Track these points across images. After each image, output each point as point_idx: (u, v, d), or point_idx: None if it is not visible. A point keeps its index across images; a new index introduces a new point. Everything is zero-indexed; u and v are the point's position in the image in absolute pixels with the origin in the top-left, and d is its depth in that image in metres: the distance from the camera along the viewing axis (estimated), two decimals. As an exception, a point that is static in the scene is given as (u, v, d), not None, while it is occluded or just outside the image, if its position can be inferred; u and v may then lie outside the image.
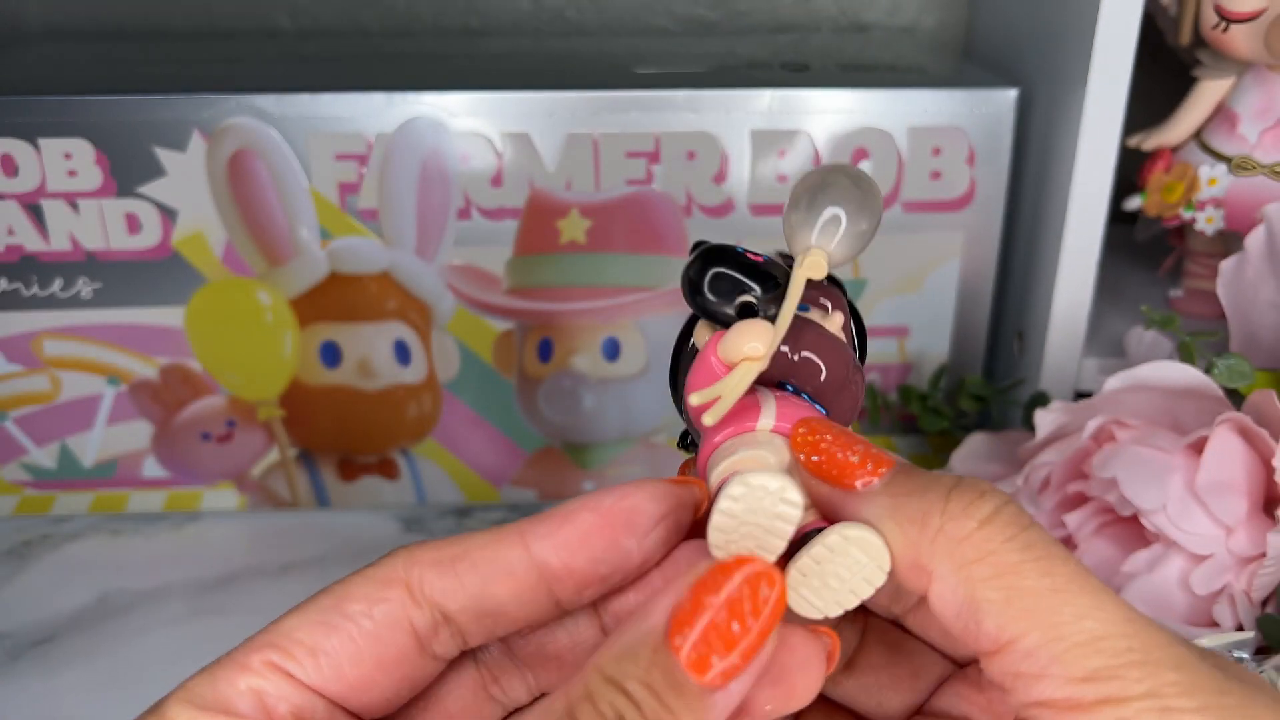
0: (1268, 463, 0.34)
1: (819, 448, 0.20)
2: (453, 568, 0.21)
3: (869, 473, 0.19)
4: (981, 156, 0.44)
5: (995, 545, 0.18)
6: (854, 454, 0.19)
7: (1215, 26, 0.43)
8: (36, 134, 0.41)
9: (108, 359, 0.45)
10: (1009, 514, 0.18)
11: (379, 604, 0.20)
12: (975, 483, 0.18)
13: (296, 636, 0.20)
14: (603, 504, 0.21)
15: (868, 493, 0.19)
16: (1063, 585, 0.17)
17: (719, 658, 0.18)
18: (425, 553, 0.21)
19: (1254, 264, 0.41)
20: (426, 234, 0.43)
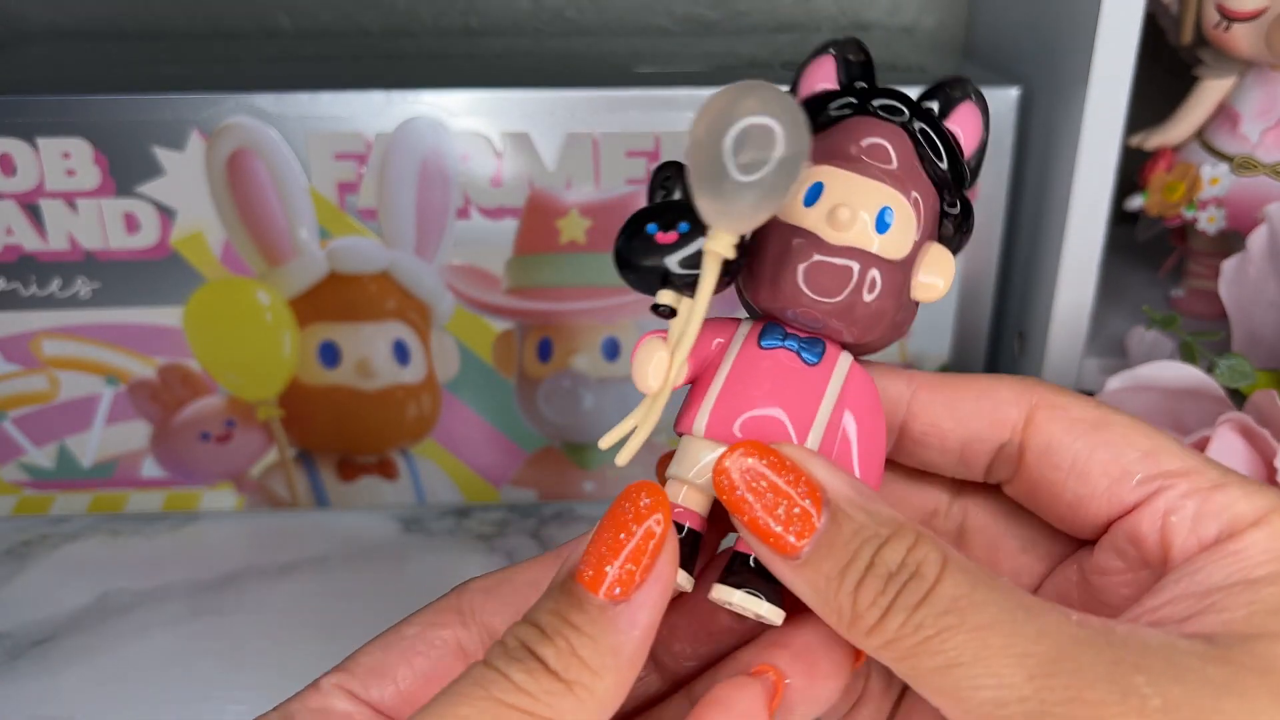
0: (1269, 463, 0.34)
1: (740, 506, 0.20)
2: (498, 591, 0.23)
3: (791, 547, 0.19)
4: (982, 156, 0.43)
5: (893, 634, 0.18)
6: (776, 520, 0.20)
7: (1217, 25, 0.43)
8: (35, 133, 0.41)
9: (106, 359, 0.44)
10: (906, 596, 0.19)
11: (431, 627, 0.23)
12: (881, 565, 0.19)
13: (361, 659, 0.23)
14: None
15: (793, 564, 0.20)
16: (955, 659, 0.18)
17: (610, 566, 0.19)
18: (477, 580, 0.24)
19: (1256, 264, 0.41)
20: (426, 234, 0.43)
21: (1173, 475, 0.21)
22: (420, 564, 0.45)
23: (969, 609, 0.18)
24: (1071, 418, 0.22)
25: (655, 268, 0.20)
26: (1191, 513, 0.20)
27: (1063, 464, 0.22)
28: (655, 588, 0.20)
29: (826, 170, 0.21)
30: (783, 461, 0.20)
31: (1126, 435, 0.21)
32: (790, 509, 0.19)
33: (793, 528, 0.19)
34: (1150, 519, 0.21)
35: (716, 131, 0.18)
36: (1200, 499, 0.20)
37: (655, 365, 0.21)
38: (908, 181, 0.21)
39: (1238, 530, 0.20)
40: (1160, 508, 0.21)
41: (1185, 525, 0.20)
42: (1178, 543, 0.20)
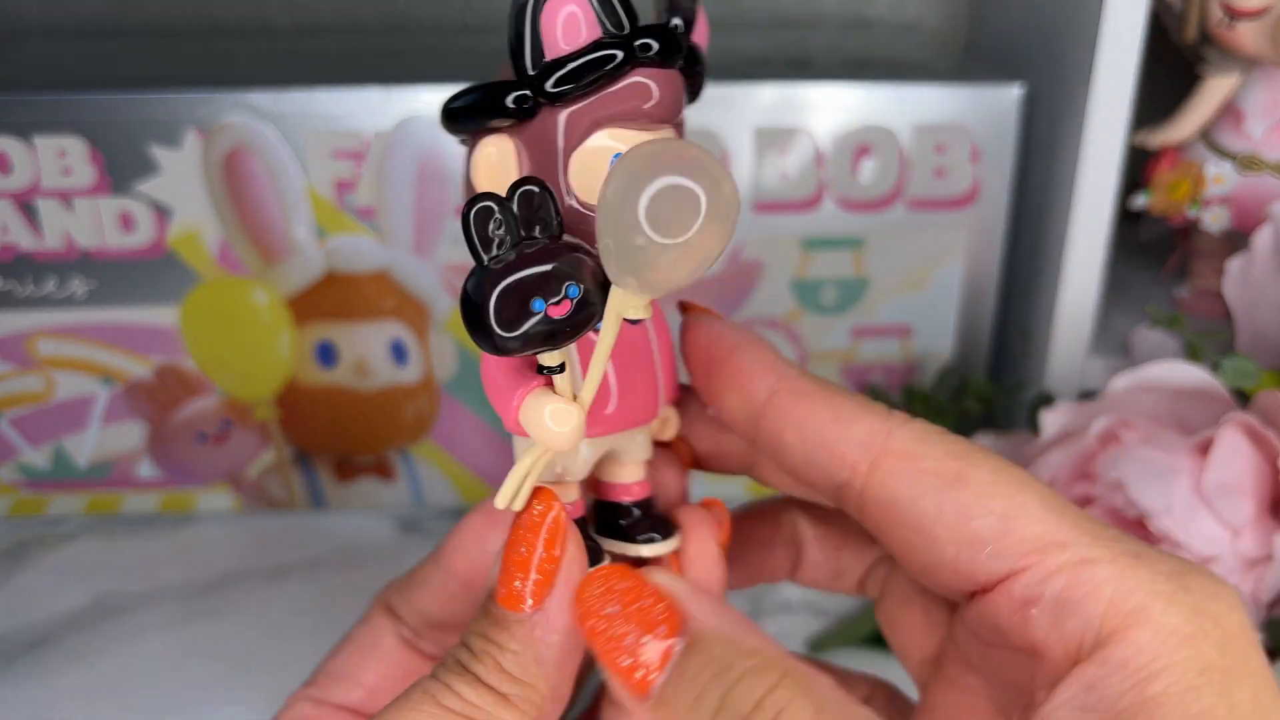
0: (1274, 464, 0.34)
1: (595, 638, 0.19)
2: (403, 589, 0.25)
3: (644, 685, 0.18)
4: (986, 154, 0.43)
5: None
6: (625, 655, 0.19)
7: (1221, 23, 0.42)
8: (30, 131, 0.40)
9: (102, 359, 0.44)
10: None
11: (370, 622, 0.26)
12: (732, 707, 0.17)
13: (324, 671, 0.25)
14: (485, 505, 0.24)
15: (646, 705, 0.19)
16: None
17: (520, 581, 0.20)
18: (394, 581, 0.26)
19: (1260, 263, 0.40)
20: (424, 232, 0.43)
21: (1030, 550, 0.18)
22: (418, 565, 0.45)
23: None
24: (921, 469, 0.19)
25: (538, 337, 0.18)
26: (1053, 603, 0.17)
27: (908, 522, 0.19)
28: (565, 590, 0.20)
29: (619, 134, 0.19)
30: (641, 586, 0.19)
31: (982, 492, 0.18)
32: (638, 643, 0.19)
33: (645, 661, 0.18)
34: (1009, 609, 0.18)
35: (632, 192, 0.16)
36: (1064, 582, 0.17)
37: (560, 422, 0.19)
38: (675, 115, 0.20)
39: (1113, 629, 0.17)
40: (1017, 596, 0.18)
41: (1047, 620, 0.17)
42: (1040, 639, 0.18)
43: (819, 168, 0.43)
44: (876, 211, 0.43)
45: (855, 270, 0.45)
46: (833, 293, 0.45)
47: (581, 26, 0.19)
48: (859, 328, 0.46)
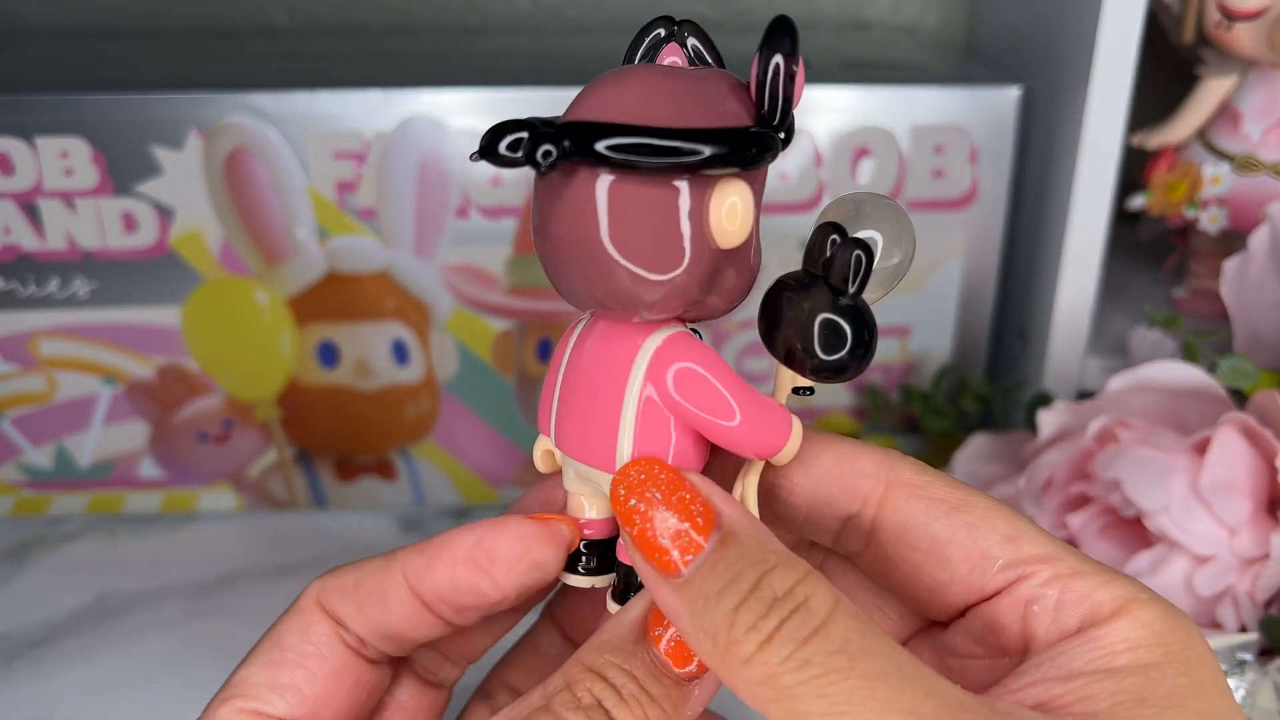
0: (1271, 463, 0.34)
1: (633, 517, 0.19)
2: (351, 596, 0.23)
3: (675, 566, 0.19)
4: (984, 155, 0.43)
5: (773, 668, 0.17)
6: (666, 535, 0.19)
7: (1218, 24, 0.43)
8: (33, 132, 0.40)
9: (104, 359, 0.44)
10: (792, 627, 0.17)
11: (310, 628, 0.23)
12: (766, 588, 0.18)
13: (252, 681, 0.23)
14: (464, 544, 0.22)
15: (674, 583, 0.19)
16: (840, 706, 0.17)
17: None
18: (331, 580, 0.24)
19: (1258, 263, 0.40)
20: (425, 233, 0.43)
21: (1033, 561, 0.20)
22: (419, 564, 0.45)
23: (859, 654, 0.17)
24: (931, 497, 0.21)
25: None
26: (1053, 601, 0.20)
27: (921, 545, 0.21)
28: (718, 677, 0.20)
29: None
30: (679, 480, 0.19)
31: (987, 518, 0.21)
32: (679, 527, 0.19)
33: (678, 543, 0.19)
34: (1011, 608, 0.20)
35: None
36: (1061, 586, 0.20)
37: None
38: None
39: (1099, 619, 0.19)
40: (1022, 596, 0.20)
41: (1048, 615, 0.20)
42: (1040, 632, 0.20)
43: (818, 169, 0.43)
44: (875, 212, 0.44)
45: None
46: (832, 293, 0.45)
47: None
48: (858, 328, 0.46)
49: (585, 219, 0.19)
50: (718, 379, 0.20)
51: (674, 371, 0.20)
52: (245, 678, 0.23)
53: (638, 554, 0.19)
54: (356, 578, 0.23)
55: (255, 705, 0.23)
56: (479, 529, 0.23)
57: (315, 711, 0.23)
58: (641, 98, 0.19)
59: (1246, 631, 0.33)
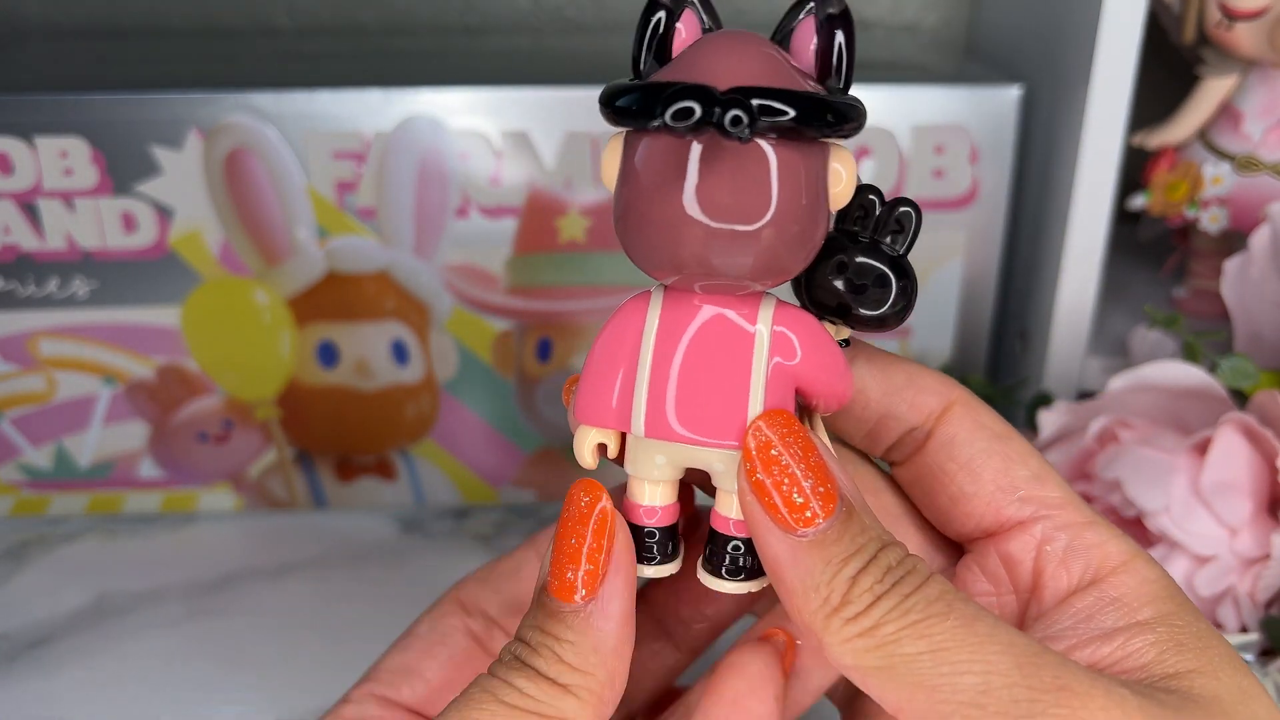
0: (1272, 464, 0.34)
1: (772, 468, 0.20)
2: (489, 580, 0.26)
3: (807, 521, 0.19)
4: (984, 155, 0.43)
5: (877, 619, 0.19)
6: (800, 491, 0.19)
7: (1219, 24, 0.43)
8: (32, 132, 0.40)
9: (104, 359, 0.44)
10: (899, 587, 0.19)
11: (439, 620, 0.26)
12: (884, 558, 0.19)
13: (384, 666, 0.25)
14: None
15: (799, 540, 0.19)
16: (941, 643, 0.18)
17: (572, 572, 0.20)
18: (470, 577, 0.26)
19: (1258, 263, 0.40)
20: (425, 233, 0.43)
21: (1051, 504, 0.22)
22: (419, 565, 0.45)
23: (956, 602, 0.19)
24: (980, 421, 0.23)
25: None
26: (1063, 546, 0.22)
27: (960, 457, 0.23)
28: (618, 578, 0.20)
29: None
30: (811, 445, 0.20)
31: (1022, 454, 0.23)
32: (815, 488, 0.20)
33: (811, 507, 0.19)
34: (1025, 544, 0.22)
35: None
36: (1073, 533, 0.22)
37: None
38: None
39: (1103, 573, 0.21)
40: (1036, 535, 0.22)
41: (1056, 557, 0.22)
42: (1048, 572, 0.22)
43: (818, 168, 0.43)
44: (876, 212, 0.44)
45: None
46: (832, 293, 0.45)
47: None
48: (858, 328, 0.46)
49: (754, 185, 0.19)
50: (829, 340, 0.21)
51: (801, 336, 0.21)
52: (380, 664, 0.25)
53: (759, 506, 0.20)
54: (492, 565, 0.26)
55: (384, 691, 0.25)
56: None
57: (435, 697, 0.25)
58: (760, 68, 0.19)
59: (1247, 632, 0.33)
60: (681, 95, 0.17)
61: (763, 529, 0.20)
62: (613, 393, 0.21)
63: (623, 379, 0.21)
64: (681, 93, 0.17)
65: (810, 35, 0.20)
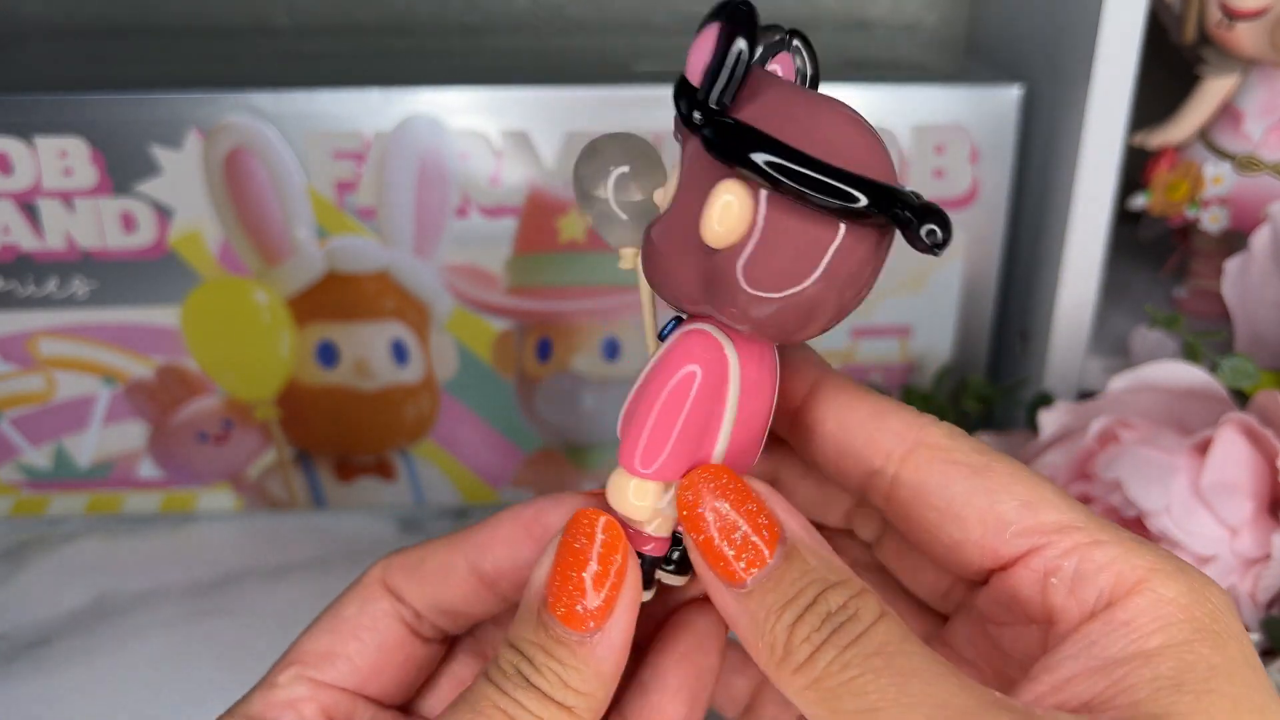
0: (1272, 464, 0.34)
1: (698, 524, 0.20)
2: (415, 573, 0.24)
3: (740, 576, 0.20)
4: (985, 155, 0.43)
5: (819, 671, 0.18)
6: (731, 544, 0.20)
7: (1219, 24, 0.43)
8: (32, 132, 0.40)
9: (103, 359, 0.44)
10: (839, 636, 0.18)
11: (368, 603, 0.24)
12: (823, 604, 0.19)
13: (308, 648, 0.24)
14: (522, 516, 0.24)
15: (737, 593, 0.20)
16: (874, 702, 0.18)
17: (583, 605, 0.20)
18: (397, 558, 0.25)
19: (1259, 263, 0.40)
20: (425, 233, 0.43)
21: (1049, 530, 0.20)
22: (419, 565, 0.45)
23: (896, 655, 0.18)
24: (954, 461, 0.21)
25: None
26: (1070, 574, 0.20)
27: (938, 505, 0.21)
28: (625, 613, 0.21)
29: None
30: (747, 492, 0.20)
31: (1006, 482, 0.21)
32: (746, 538, 0.20)
33: (745, 556, 0.20)
34: (1029, 580, 0.21)
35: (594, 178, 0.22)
36: (1078, 558, 0.20)
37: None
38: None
39: (1119, 595, 0.19)
40: (1039, 569, 0.20)
41: (1065, 588, 0.20)
42: (1058, 605, 0.20)
43: (818, 168, 0.43)
44: (876, 212, 0.43)
45: (855, 270, 0.45)
46: (832, 293, 0.45)
47: None
48: (858, 328, 0.46)
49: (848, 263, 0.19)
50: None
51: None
52: (303, 646, 0.24)
53: (702, 560, 0.20)
54: (420, 556, 0.25)
55: (311, 673, 0.24)
56: (536, 504, 0.24)
57: (364, 681, 0.24)
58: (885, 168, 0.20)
59: (1248, 632, 0.33)
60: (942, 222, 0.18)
61: (709, 586, 0.20)
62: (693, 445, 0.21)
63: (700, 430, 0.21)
64: (941, 219, 0.18)
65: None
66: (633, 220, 0.22)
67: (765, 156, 0.18)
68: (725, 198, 0.19)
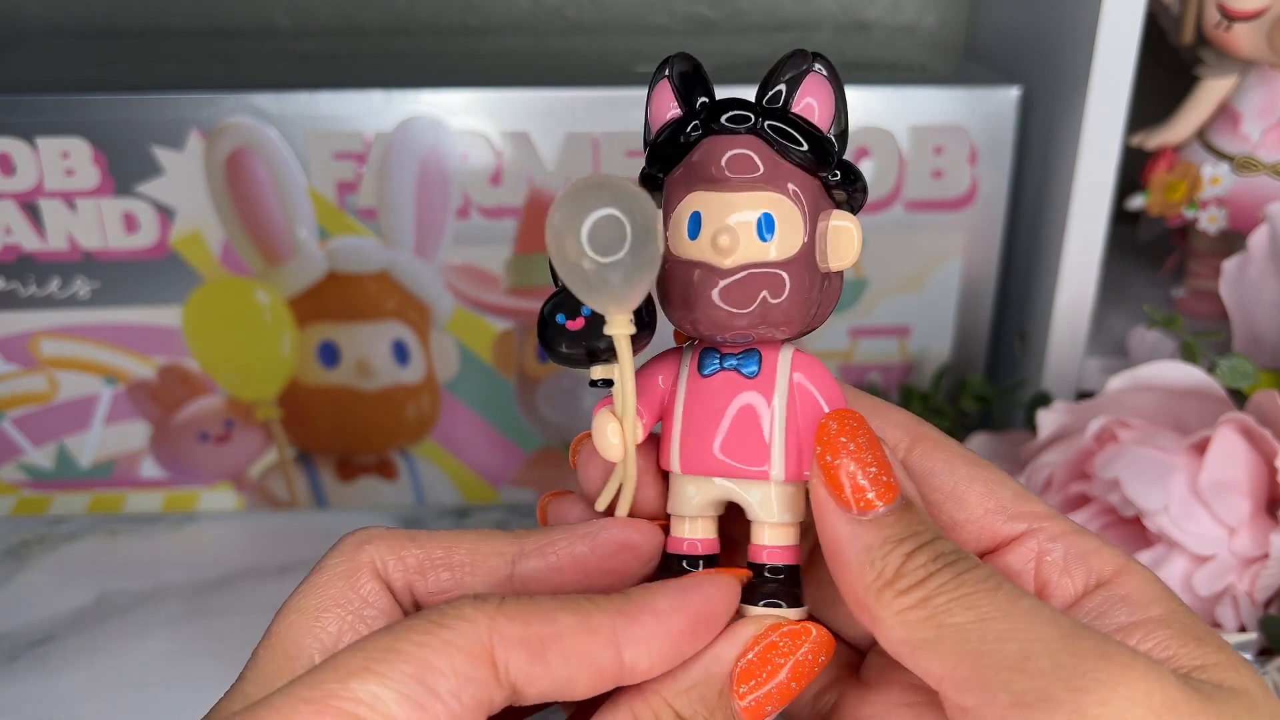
0: (1270, 463, 0.34)
1: (839, 449, 0.21)
2: (543, 655, 0.19)
3: (867, 504, 0.21)
4: (983, 155, 0.43)
5: (930, 590, 0.20)
6: (865, 475, 0.21)
7: (1218, 25, 0.43)
8: (34, 133, 0.41)
9: (105, 359, 0.44)
10: (952, 566, 0.20)
11: (468, 684, 0.18)
12: (938, 545, 0.20)
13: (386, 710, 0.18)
14: (691, 605, 0.21)
15: (860, 518, 0.21)
16: (987, 614, 0.19)
17: (773, 708, 0.21)
18: (512, 628, 0.19)
19: (1257, 263, 0.40)
20: (425, 233, 0.43)
21: (1041, 517, 0.23)
22: (420, 564, 0.45)
23: (1004, 582, 0.20)
24: (951, 453, 0.24)
25: (575, 354, 0.22)
26: (1061, 555, 0.22)
27: (943, 488, 0.23)
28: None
29: (699, 196, 0.21)
30: (876, 441, 0.21)
31: (1001, 477, 0.23)
32: (878, 475, 0.21)
33: (877, 488, 0.21)
34: (1022, 557, 0.23)
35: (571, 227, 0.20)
36: (1068, 542, 0.22)
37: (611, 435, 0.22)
38: (778, 179, 0.21)
39: (1105, 576, 0.22)
40: (1032, 548, 0.23)
41: (1058, 565, 0.22)
42: (1053, 581, 0.22)
43: (818, 169, 0.43)
44: (875, 212, 0.44)
45: (854, 271, 0.45)
46: (832, 293, 0.45)
47: (669, 107, 0.22)
48: (857, 328, 0.46)
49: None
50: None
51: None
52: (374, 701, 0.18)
53: (834, 485, 0.21)
54: (552, 632, 0.19)
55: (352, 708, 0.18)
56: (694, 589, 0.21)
57: None
58: None
59: (1246, 631, 0.33)
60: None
61: (826, 510, 0.21)
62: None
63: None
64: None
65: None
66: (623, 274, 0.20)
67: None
68: (848, 223, 0.22)
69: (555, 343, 0.22)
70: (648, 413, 0.23)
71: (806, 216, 0.21)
